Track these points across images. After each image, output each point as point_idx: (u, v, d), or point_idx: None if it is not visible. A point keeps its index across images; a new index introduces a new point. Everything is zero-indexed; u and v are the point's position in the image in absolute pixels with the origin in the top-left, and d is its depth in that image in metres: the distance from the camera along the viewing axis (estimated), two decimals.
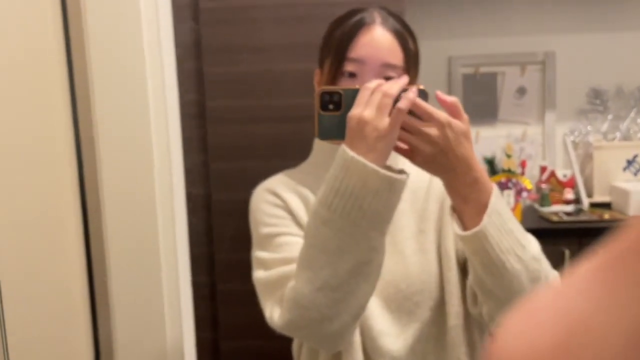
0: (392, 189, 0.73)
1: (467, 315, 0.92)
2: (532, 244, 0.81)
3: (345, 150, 0.74)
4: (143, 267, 1.28)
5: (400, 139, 0.76)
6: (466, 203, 0.77)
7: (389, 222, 0.77)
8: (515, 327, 0.22)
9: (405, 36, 0.91)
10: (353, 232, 0.74)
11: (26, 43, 1.06)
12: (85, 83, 1.20)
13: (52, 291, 1.12)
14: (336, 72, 0.90)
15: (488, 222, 0.75)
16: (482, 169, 0.78)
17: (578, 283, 0.21)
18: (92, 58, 1.18)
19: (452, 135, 0.74)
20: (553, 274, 0.83)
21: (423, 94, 0.76)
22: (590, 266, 0.21)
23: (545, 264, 0.81)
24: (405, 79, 0.78)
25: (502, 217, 0.77)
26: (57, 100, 1.15)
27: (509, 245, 0.77)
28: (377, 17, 0.90)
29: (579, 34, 2.13)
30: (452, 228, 0.82)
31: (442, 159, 0.75)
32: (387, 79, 0.86)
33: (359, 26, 0.89)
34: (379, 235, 0.77)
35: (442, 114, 0.74)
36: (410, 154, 0.77)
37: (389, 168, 0.75)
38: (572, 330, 0.19)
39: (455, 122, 0.74)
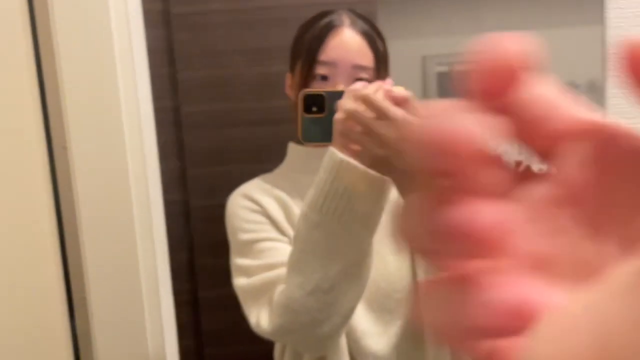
0: (382, 189, 0.74)
1: None
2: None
3: (334, 152, 0.73)
4: (122, 276, 1.26)
5: (350, 139, 0.72)
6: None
7: (377, 224, 0.77)
8: (548, 331, 0.20)
9: (374, 37, 0.92)
10: (344, 234, 0.74)
11: None
12: (57, 92, 1.18)
13: (29, 303, 1.10)
14: (307, 76, 0.90)
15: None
16: None
17: (613, 287, 0.20)
18: (62, 67, 1.16)
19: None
20: None
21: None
22: (627, 271, 0.20)
23: None
24: (389, 81, 0.78)
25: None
26: (27, 109, 1.13)
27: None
28: (346, 19, 0.91)
29: (550, 29, 2.16)
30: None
31: (396, 161, 0.70)
32: (358, 80, 0.87)
33: (328, 29, 0.90)
34: (369, 236, 0.77)
35: (395, 110, 0.69)
36: (355, 157, 0.73)
37: None
38: (605, 338, 0.18)
39: (412, 120, 0.72)
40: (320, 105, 0.79)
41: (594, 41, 2.16)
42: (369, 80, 0.87)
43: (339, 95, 0.77)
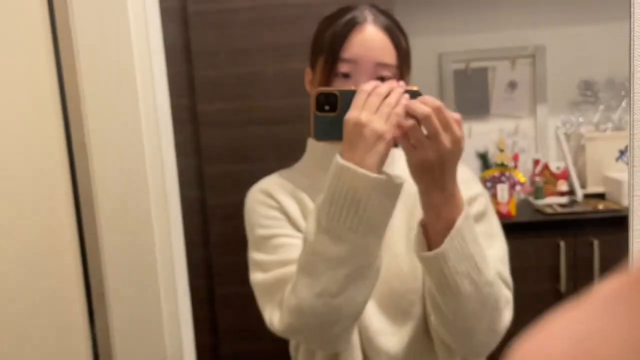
0: (385, 192, 0.73)
1: None
2: (489, 268, 0.81)
3: (337, 157, 0.74)
4: (140, 273, 1.27)
5: (415, 135, 0.74)
6: (438, 219, 0.77)
7: (385, 227, 0.77)
8: (531, 349, 0.21)
9: (397, 34, 0.91)
10: (351, 238, 0.74)
11: (16, 59, 1.05)
12: (76, 90, 1.19)
13: (48, 301, 1.12)
14: (330, 73, 0.89)
15: (449, 246, 0.75)
16: (458, 187, 0.78)
17: (597, 304, 0.20)
18: (81, 64, 1.17)
19: (457, 153, 0.74)
20: (505, 296, 0.84)
21: (417, 95, 0.76)
22: (611, 287, 0.20)
23: (497, 287, 0.82)
24: (401, 83, 0.78)
25: (464, 240, 0.76)
26: (48, 108, 1.14)
27: (466, 269, 0.76)
28: (369, 15, 0.90)
29: (568, 27, 2.14)
30: (415, 246, 0.82)
31: (437, 170, 0.74)
32: (381, 78, 0.87)
33: (351, 25, 0.89)
34: (376, 239, 0.77)
35: (459, 130, 0.74)
36: (412, 152, 0.75)
37: (386, 173, 0.75)
38: (588, 353, 0.19)
39: (461, 143, 0.74)
40: (333, 104, 0.79)
41: (615, 38, 2.13)
42: (391, 78, 0.87)
43: (351, 94, 0.77)
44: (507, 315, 0.85)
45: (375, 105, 0.74)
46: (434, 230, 0.78)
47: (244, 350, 1.53)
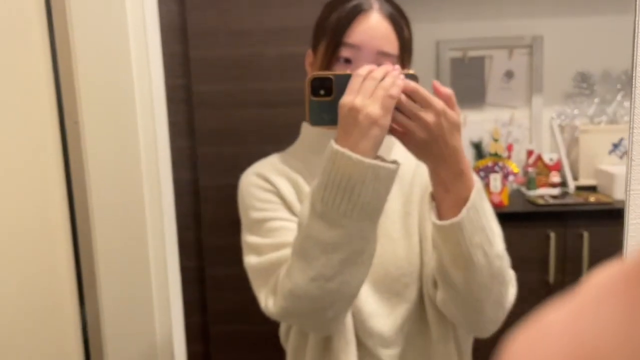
0: (378, 177, 0.73)
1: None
2: (499, 241, 0.82)
3: (331, 142, 0.74)
4: (131, 254, 1.27)
5: (398, 122, 0.76)
6: (447, 193, 0.77)
7: (380, 212, 0.77)
8: (524, 342, 0.21)
9: (401, 23, 0.91)
10: (345, 223, 0.74)
11: (11, 42, 1.04)
12: (69, 68, 1.18)
13: (38, 283, 1.12)
14: (332, 57, 0.89)
15: (466, 216, 0.75)
16: (468, 162, 0.78)
17: (592, 297, 0.20)
18: (75, 44, 1.16)
19: (446, 124, 0.74)
20: (510, 273, 0.85)
21: (414, 79, 0.76)
22: (606, 279, 0.20)
23: (506, 261, 0.83)
24: (397, 67, 0.77)
25: (478, 213, 0.77)
26: (40, 85, 1.13)
27: (480, 240, 0.77)
28: (375, 2, 0.90)
29: (567, 18, 2.13)
30: (429, 215, 0.82)
31: (434, 146, 0.75)
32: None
33: (357, 11, 0.88)
34: (371, 225, 0.77)
35: (439, 102, 0.74)
36: (405, 138, 0.77)
37: (381, 158, 0.75)
38: (583, 347, 0.19)
39: (450, 113, 0.74)
40: (328, 89, 0.78)
41: (613, 31, 2.13)
42: None
43: (346, 78, 0.77)
44: (512, 291, 0.86)
45: (370, 90, 0.73)
46: (444, 204, 0.78)
47: (233, 331, 1.54)
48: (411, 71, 0.77)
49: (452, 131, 0.75)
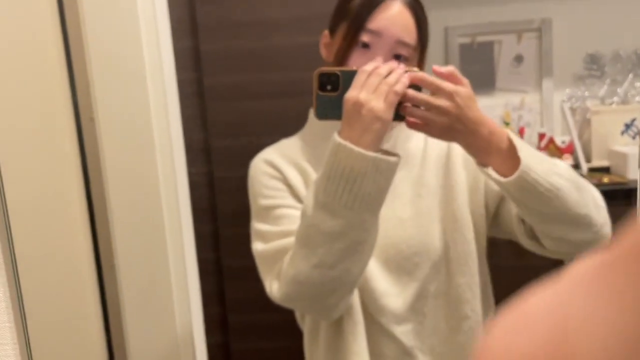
0: (379, 170, 0.75)
1: (480, 272, 0.95)
2: (557, 161, 0.84)
3: (335, 135, 0.77)
4: (149, 246, 1.29)
5: (415, 115, 0.78)
6: (489, 155, 0.80)
7: (381, 203, 0.79)
8: (505, 327, 0.21)
9: (422, 16, 0.93)
10: (346, 214, 0.77)
11: (25, 38, 1.06)
12: (84, 65, 1.20)
13: (59, 270, 1.14)
14: (351, 41, 0.90)
15: (524, 156, 0.77)
16: (491, 119, 0.81)
17: (573, 284, 0.20)
18: (89, 40, 1.18)
19: (461, 101, 0.76)
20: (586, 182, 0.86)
21: None
22: (587, 267, 0.20)
23: (573, 170, 0.84)
24: (402, 65, 0.80)
25: (529, 148, 0.80)
26: (56, 82, 1.15)
27: (548, 167, 0.79)
28: None
29: (575, 0, 2.12)
30: (492, 181, 0.83)
31: (458, 125, 0.77)
32: (397, 56, 0.89)
33: None
34: (372, 216, 0.79)
35: (447, 84, 0.77)
36: (426, 128, 0.79)
37: (383, 151, 0.77)
38: (563, 334, 0.18)
39: (460, 89, 0.77)
40: (335, 84, 0.80)
41: (622, 12, 2.11)
42: (407, 58, 0.90)
43: (352, 74, 0.79)
44: (598, 195, 0.87)
45: (374, 85, 0.76)
46: (495, 165, 0.80)
47: (251, 320, 1.56)
48: (415, 69, 0.79)
49: (468, 104, 0.77)
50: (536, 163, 0.78)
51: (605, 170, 2.05)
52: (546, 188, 0.78)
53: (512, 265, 1.29)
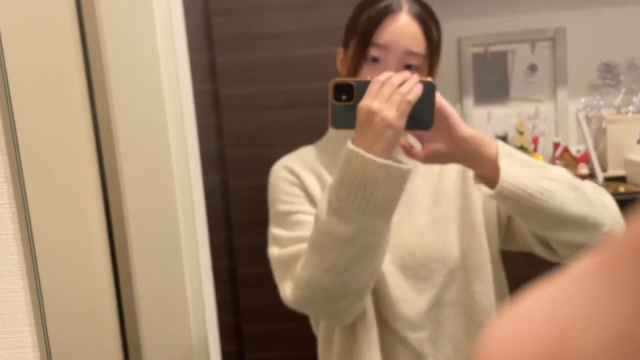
0: (391, 176, 0.77)
1: (495, 281, 0.96)
2: (550, 166, 0.84)
3: (348, 143, 0.79)
4: (165, 254, 1.31)
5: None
6: (480, 164, 0.82)
7: (393, 209, 0.81)
8: (503, 328, 0.21)
9: (430, 24, 0.94)
10: (358, 219, 0.78)
11: (46, 53, 1.09)
12: (102, 78, 1.22)
13: (78, 279, 1.16)
14: (360, 56, 0.92)
15: (504, 165, 0.79)
16: (472, 129, 0.82)
17: (571, 283, 0.20)
18: (107, 54, 1.21)
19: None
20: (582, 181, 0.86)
21: (431, 86, 0.80)
22: (584, 266, 0.20)
23: (570, 174, 0.85)
24: (415, 75, 0.81)
25: (513, 155, 0.81)
26: (75, 94, 1.18)
27: (536, 172, 0.80)
28: (405, 3, 0.93)
29: (589, 9, 2.12)
30: (482, 193, 0.84)
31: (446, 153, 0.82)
32: (408, 66, 0.90)
33: (386, 12, 0.91)
34: (383, 222, 0.81)
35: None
36: (423, 158, 0.83)
37: (395, 159, 0.79)
38: (561, 332, 0.19)
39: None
40: (349, 94, 0.82)
41: (636, 20, 2.11)
42: (418, 67, 0.91)
43: (366, 84, 0.81)
44: (593, 186, 0.87)
45: (387, 95, 0.77)
46: (488, 174, 0.82)
47: (265, 329, 1.57)
48: (429, 79, 0.81)
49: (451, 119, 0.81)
50: (520, 169, 0.79)
51: (622, 179, 2.03)
52: (536, 191, 0.79)
53: (527, 274, 1.29)
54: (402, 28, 0.91)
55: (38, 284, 0.70)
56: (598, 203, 0.84)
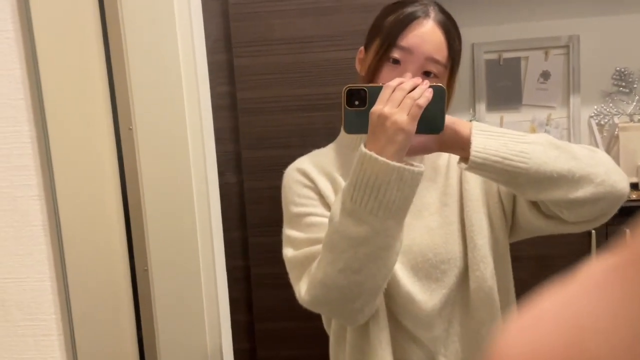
0: (403, 179, 0.79)
1: (493, 278, 0.97)
2: (532, 134, 0.87)
3: (361, 146, 0.81)
4: (181, 254, 1.34)
5: None
6: (456, 144, 0.85)
7: (405, 211, 0.83)
8: (520, 327, 0.21)
9: (453, 34, 0.96)
10: (371, 220, 0.81)
11: (71, 57, 1.12)
12: (124, 79, 1.26)
13: (97, 277, 1.19)
14: (382, 57, 0.94)
15: (474, 136, 0.83)
16: (457, 124, 0.85)
17: (585, 285, 0.20)
18: (129, 57, 1.24)
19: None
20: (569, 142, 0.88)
21: (441, 91, 0.82)
22: (602, 267, 0.20)
23: (554, 138, 0.87)
24: (426, 81, 0.83)
25: (485, 130, 0.85)
26: (97, 95, 1.22)
27: (510, 138, 0.84)
28: (432, 12, 0.94)
29: (602, 17, 2.13)
30: (461, 169, 0.88)
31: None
32: (427, 73, 0.92)
33: (414, 17, 0.93)
34: (396, 223, 0.83)
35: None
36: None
37: (407, 162, 0.81)
38: (579, 332, 0.19)
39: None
40: (362, 99, 0.85)
41: None
42: (437, 75, 0.93)
43: (378, 90, 0.83)
44: (601, 154, 0.88)
45: (398, 100, 0.80)
46: (468, 155, 0.84)
47: (278, 328, 1.59)
48: (439, 84, 0.83)
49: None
50: (494, 140, 0.83)
51: (634, 186, 2.03)
52: (509, 154, 0.82)
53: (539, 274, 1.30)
54: (427, 34, 0.92)
55: (64, 274, 0.73)
56: (585, 155, 0.85)
